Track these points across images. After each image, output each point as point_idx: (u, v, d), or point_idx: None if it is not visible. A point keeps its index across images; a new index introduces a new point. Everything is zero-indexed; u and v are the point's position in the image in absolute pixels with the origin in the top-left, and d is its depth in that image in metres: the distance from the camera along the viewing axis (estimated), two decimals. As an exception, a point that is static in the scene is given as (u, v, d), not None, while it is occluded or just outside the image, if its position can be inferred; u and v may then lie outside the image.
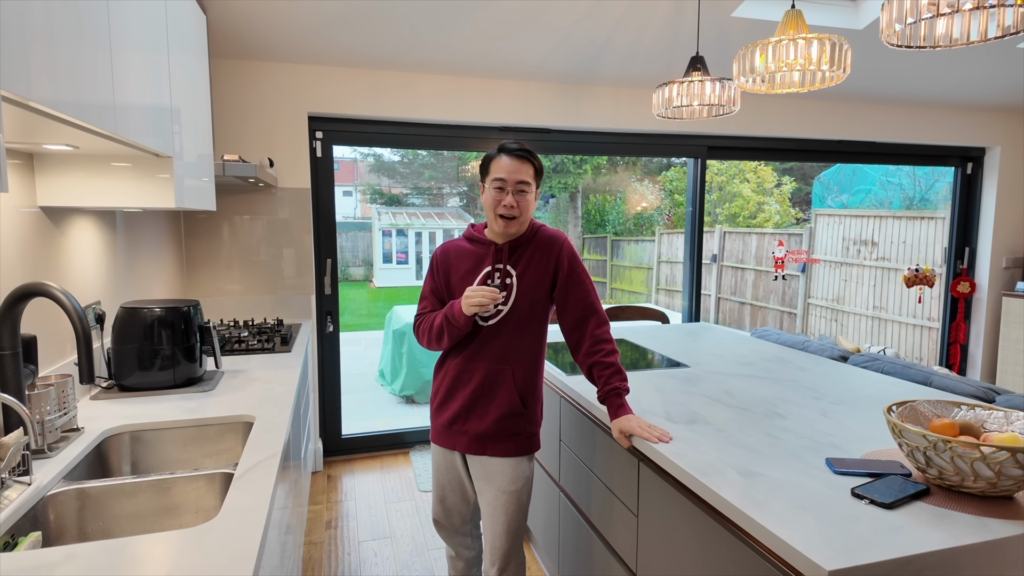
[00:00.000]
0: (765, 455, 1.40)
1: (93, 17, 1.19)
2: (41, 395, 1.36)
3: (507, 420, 1.70)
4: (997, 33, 1.39)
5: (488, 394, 1.70)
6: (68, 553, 0.97)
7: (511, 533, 1.75)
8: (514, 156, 1.64)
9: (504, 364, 1.69)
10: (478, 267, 1.72)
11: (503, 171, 1.64)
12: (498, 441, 1.71)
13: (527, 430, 1.74)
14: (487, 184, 1.68)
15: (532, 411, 1.75)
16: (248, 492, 1.19)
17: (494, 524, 1.74)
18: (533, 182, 1.67)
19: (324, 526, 2.84)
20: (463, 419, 1.73)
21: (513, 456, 1.72)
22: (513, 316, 1.69)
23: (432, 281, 1.79)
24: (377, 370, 6.14)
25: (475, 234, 1.77)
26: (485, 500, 1.75)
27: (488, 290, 1.59)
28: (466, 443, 1.74)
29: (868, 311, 6.93)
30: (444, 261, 1.77)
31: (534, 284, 1.69)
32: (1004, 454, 1.09)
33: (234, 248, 3.27)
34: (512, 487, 1.72)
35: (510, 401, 1.70)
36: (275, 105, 3.23)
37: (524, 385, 1.72)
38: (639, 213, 14.79)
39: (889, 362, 2.35)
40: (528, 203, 1.67)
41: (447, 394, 1.76)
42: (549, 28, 2.94)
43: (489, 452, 1.72)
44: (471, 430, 1.72)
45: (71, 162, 1.65)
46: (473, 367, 1.71)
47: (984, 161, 4.67)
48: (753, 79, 1.95)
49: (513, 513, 1.74)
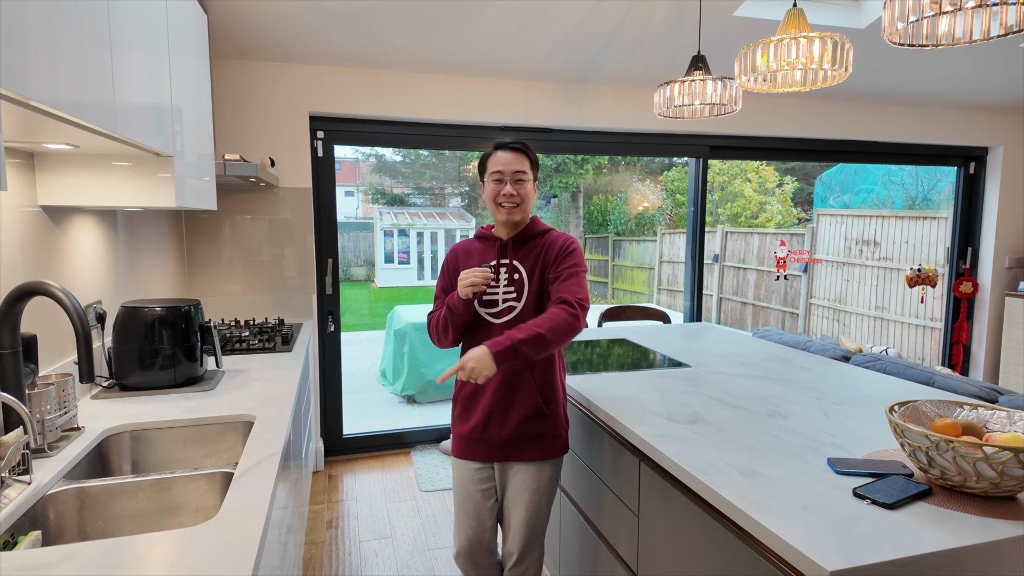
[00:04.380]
0: (766, 455, 1.40)
1: (93, 16, 1.19)
2: (41, 394, 1.36)
3: (530, 423, 1.69)
4: (999, 32, 1.38)
5: (508, 396, 1.69)
6: (67, 552, 0.97)
7: (528, 529, 1.73)
8: (509, 150, 1.70)
9: (523, 364, 1.69)
10: (485, 261, 1.74)
11: (500, 164, 1.69)
12: (523, 446, 1.70)
13: (551, 431, 1.73)
14: (486, 179, 1.73)
15: (555, 412, 1.74)
16: (248, 491, 1.18)
17: (516, 520, 1.74)
18: (530, 172, 1.71)
19: (325, 526, 2.84)
20: (483, 426, 1.72)
21: (538, 460, 1.71)
22: (527, 313, 1.69)
23: (444, 280, 1.82)
24: (379, 370, 6.14)
25: (484, 233, 1.80)
26: (508, 501, 1.75)
27: (480, 270, 1.61)
28: (489, 451, 1.72)
29: (870, 311, 6.92)
30: (454, 260, 1.81)
31: (544, 281, 1.70)
32: (1007, 454, 1.09)
33: (235, 248, 3.27)
34: (535, 486, 1.72)
35: (532, 402, 1.69)
36: (276, 105, 3.23)
37: (544, 385, 1.72)
38: (641, 213, 14.78)
39: (891, 362, 2.34)
40: (527, 191, 1.70)
41: (468, 399, 1.75)
42: (551, 28, 2.93)
43: (515, 458, 1.71)
44: (493, 437, 1.71)
45: (72, 161, 1.65)
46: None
47: (987, 161, 4.66)
48: (755, 78, 1.95)
49: (532, 512, 1.73)
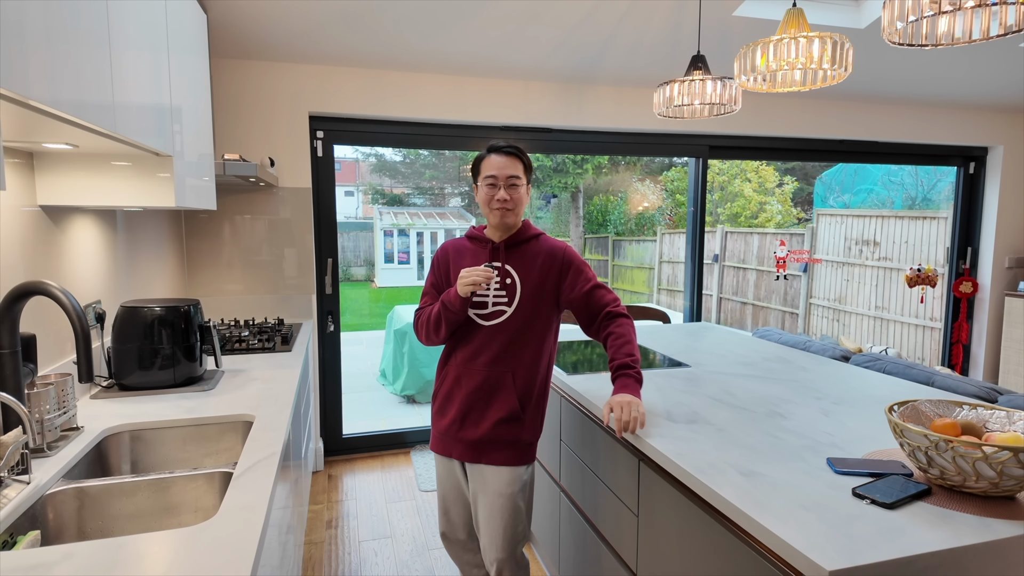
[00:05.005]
0: (766, 455, 1.40)
1: (92, 16, 1.19)
2: (40, 394, 1.36)
3: (504, 426, 1.69)
4: (999, 31, 1.38)
5: (486, 398, 1.69)
6: (66, 552, 0.97)
7: (507, 539, 1.71)
8: (503, 154, 1.70)
9: (505, 368, 1.69)
10: (477, 262, 1.75)
11: (494, 168, 1.69)
12: (495, 449, 1.70)
13: (524, 439, 1.72)
14: (480, 183, 1.73)
15: (531, 420, 1.73)
16: (247, 491, 1.18)
17: (490, 529, 1.71)
18: (523, 176, 1.72)
19: (324, 525, 2.84)
20: (458, 424, 1.72)
21: (510, 466, 1.71)
22: (516, 318, 1.69)
23: (433, 276, 1.82)
24: (378, 370, 6.14)
25: (476, 233, 1.80)
26: (481, 506, 1.72)
27: (482, 270, 1.61)
28: (462, 450, 1.73)
29: (870, 311, 6.92)
30: (444, 258, 1.81)
31: (537, 288, 1.71)
32: (1006, 454, 1.09)
33: (235, 247, 3.27)
34: (508, 490, 1.70)
35: (508, 406, 1.68)
36: (276, 105, 3.23)
37: (524, 391, 1.71)
38: (640, 213, 14.77)
39: (891, 362, 2.34)
40: (520, 196, 1.70)
41: (446, 397, 1.75)
42: (550, 27, 2.93)
43: (485, 460, 1.70)
44: (467, 436, 1.71)
45: (71, 161, 1.65)
46: (473, 368, 1.70)
47: (987, 161, 4.66)
48: (754, 78, 1.95)
49: (509, 517, 1.70)
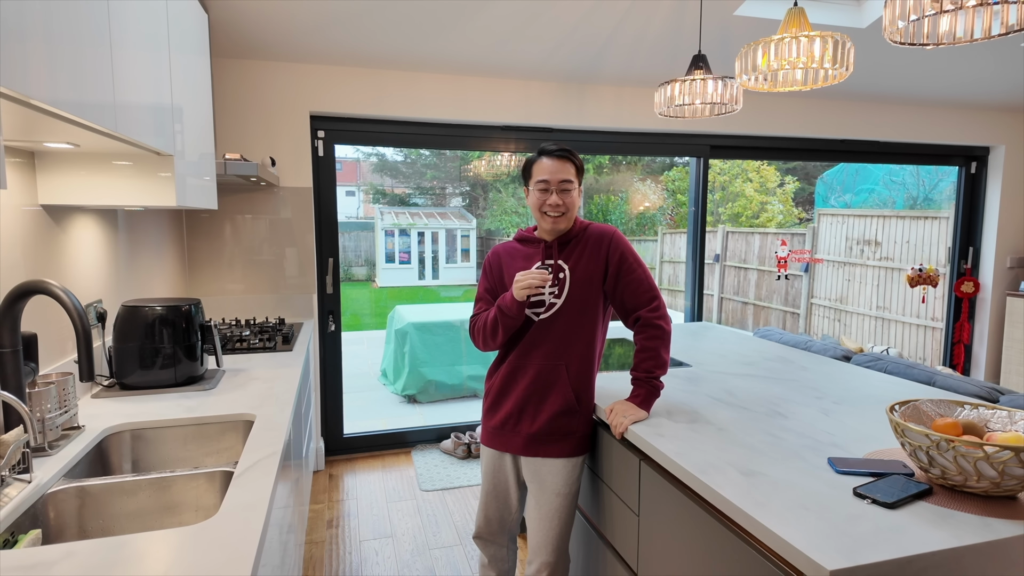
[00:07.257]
0: (767, 454, 1.40)
1: (93, 16, 1.19)
2: (41, 393, 1.37)
3: (561, 419, 1.69)
4: (1001, 31, 1.38)
5: (542, 391, 1.69)
6: (67, 551, 0.97)
7: (562, 538, 1.72)
8: (555, 157, 1.68)
9: (558, 360, 1.69)
10: (530, 263, 1.74)
11: (546, 172, 1.67)
12: (553, 442, 1.70)
13: (580, 430, 1.72)
14: (531, 187, 1.71)
15: (586, 411, 1.74)
16: (248, 490, 1.18)
17: (543, 529, 1.71)
18: (575, 179, 1.70)
19: (325, 525, 2.84)
20: (515, 419, 1.72)
21: (567, 457, 1.71)
22: (567, 310, 1.69)
23: (487, 281, 1.80)
24: (379, 369, 6.14)
25: (525, 235, 1.79)
26: (537, 504, 1.72)
27: (537, 272, 1.60)
28: (520, 444, 1.72)
29: (871, 311, 6.91)
30: (497, 261, 1.80)
31: (586, 278, 1.70)
32: (1008, 454, 1.08)
33: (236, 247, 3.27)
34: (566, 490, 1.71)
35: (564, 398, 1.69)
36: (277, 104, 3.23)
37: (578, 382, 1.71)
38: (642, 213, 14.76)
39: (892, 362, 2.34)
40: (573, 200, 1.69)
41: (500, 392, 1.75)
42: (551, 27, 2.93)
43: (543, 453, 1.70)
44: (524, 431, 1.71)
45: (72, 161, 1.65)
46: (527, 363, 1.70)
47: (988, 160, 4.65)
48: (755, 77, 1.95)
49: (566, 518, 1.72)
